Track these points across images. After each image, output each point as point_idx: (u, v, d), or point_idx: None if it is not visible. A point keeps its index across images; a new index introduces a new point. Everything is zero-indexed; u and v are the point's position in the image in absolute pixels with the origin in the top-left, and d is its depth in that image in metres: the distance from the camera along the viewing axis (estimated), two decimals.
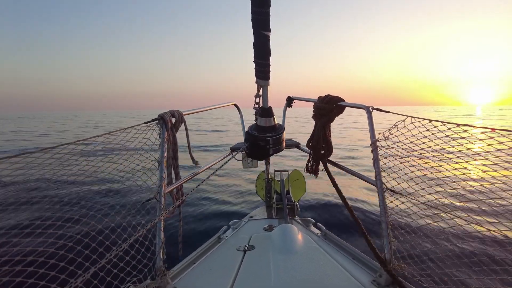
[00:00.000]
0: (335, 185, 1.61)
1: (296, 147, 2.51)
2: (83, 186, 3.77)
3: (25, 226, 0.97)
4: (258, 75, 1.79)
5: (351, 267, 1.39)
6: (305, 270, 1.31)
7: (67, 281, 0.90)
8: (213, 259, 1.52)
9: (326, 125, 1.73)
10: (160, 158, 1.38)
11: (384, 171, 1.36)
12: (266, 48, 1.70)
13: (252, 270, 1.34)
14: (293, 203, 2.59)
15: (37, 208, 0.93)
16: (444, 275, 1.17)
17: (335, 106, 1.67)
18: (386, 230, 1.26)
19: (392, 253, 1.23)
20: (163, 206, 1.30)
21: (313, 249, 1.53)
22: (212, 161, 1.95)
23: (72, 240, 1.04)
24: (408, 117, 1.31)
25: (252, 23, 1.63)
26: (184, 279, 1.31)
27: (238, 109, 2.62)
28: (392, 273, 1.18)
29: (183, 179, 1.57)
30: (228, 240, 1.80)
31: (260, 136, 1.80)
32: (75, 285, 0.88)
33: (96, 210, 1.19)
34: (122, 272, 1.11)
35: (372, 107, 1.49)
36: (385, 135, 1.38)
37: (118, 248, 1.05)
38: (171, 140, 1.49)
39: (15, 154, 0.93)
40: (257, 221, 2.19)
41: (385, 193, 1.32)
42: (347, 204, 1.51)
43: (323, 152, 1.79)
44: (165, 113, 1.50)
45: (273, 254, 1.48)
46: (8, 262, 0.86)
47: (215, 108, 2.12)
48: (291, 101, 2.52)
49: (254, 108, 1.93)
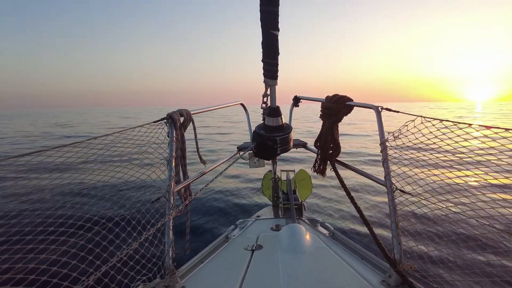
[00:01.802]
0: (343, 185, 1.60)
1: (303, 146, 2.50)
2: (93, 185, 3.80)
3: (38, 224, 0.98)
4: (266, 74, 1.78)
5: (360, 267, 1.38)
6: (314, 270, 1.30)
7: (78, 279, 0.90)
8: (221, 259, 1.52)
9: (334, 124, 1.73)
10: (169, 157, 1.38)
11: (393, 171, 1.35)
12: (274, 47, 1.70)
13: (261, 270, 1.34)
14: (300, 203, 2.58)
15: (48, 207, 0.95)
16: (455, 277, 1.16)
17: (343, 106, 1.66)
18: (396, 230, 1.25)
19: (401, 253, 1.22)
20: (172, 205, 1.30)
21: (321, 249, 1.53)
22: (219, 161, 1.95)
23: (84, 238, 1.05)
24: (418, 117, 1.30)
25: (260, 22, 1.63)
26: (193, 278, 1.32)
27: (245, 108, 2.62)
28: (402, 273, 1.17)
29: (191, 179, 1.58)
30: (235, 240, 1.81)
31: (267, 136, 1.80)
32: (87, 283, 0.89)
33: (107, 208, 1.20)
34: (132, 270, 1.12)
35: (381, 107, 1.48)
36: (395, 135, 1.37)
37: (128, 246, 1.05)
38: (179, 139, 1.49)
39: (27, 152, 0.94)
40: (264, 221, 2.19)
41: (394, 193, 1.31)
42: (356, 204, 1.50)
43: (331, 152, 1.78)
44: (174, 112, 1.50)
45: (281, 254, 1.47)
46: (22, 259, 0.86)
47: (222, 107, 2.12)
48: (298, 101, 2.52)
49: (261, 108, 1.93)
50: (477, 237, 1.05)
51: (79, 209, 1.16)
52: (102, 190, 3.47)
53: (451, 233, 1.25)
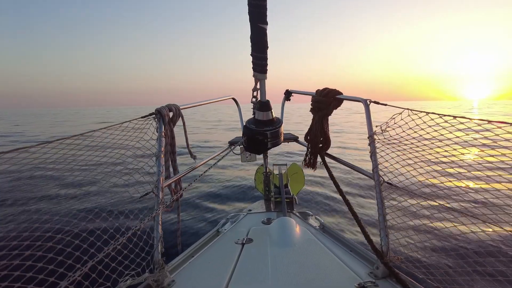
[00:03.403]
0: (333, 178, 1.62)
1: (295, 140, 2.51)
2: (80, 180, 3.78)
3: (23, 221, 0.98)
4: (255, 68, 1.78)
5: (348, 259, 1.40)
6: (303, 263, 1.32)
7: (65, 274, 0.90)
8: (212, 252, 1.53)
9: (324, 118, 1.73)
10: (157, 153, 1.38)
11: (381, 163, 1.36)
12: (263, 41, 1.69)
13: (250, 263, 1.35)
14: (291, 197, 2.60)
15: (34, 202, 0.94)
16: (440, 267, 1.18)
17: (333, 99, 1.67)
18: (383, 223, 1.27)
19: (389, 245, 1.24)
20: (161, 200, 1.30)
21: (311, 242, 1.54)
22: (210, 155, 1.95)
23: (70, 234, 1.05)
24: (405, 109, 1.31)
25: (249, 16, 1.62)
26: (182, 272, 1.32)
27: (236, 103, 2.61)
28: (388, 265, 1.19)
29: (181, 173, 1.58)
30: (226, 234, 1.82)
31: (257, 130, 1.80)
32: (73, 278, 0.89)
33: (94, 204, 1.20)
34: (120, 265, 1.12)
35: (369, 100, 1.49)
36: (382, 128, 1.38)
37: (116, 242, 1.05)
38: (168, 134, 1.49)
39: (9, 150, 0.93)
40: (256, 215, 2.20)
41: (382, 186, 1.32)
42: (344, 196, 1.51)
43: (320, 146, 1.79)
44: (163, 107, 1.49)
45: (271, 247, 1.49)
46: (6, 256, 0.86)
47: (213, 102, 2.12)
48: (290, 95, 2.52)
49: (251, 102, 1.93)
50: (463, 229, 1.07)
51: (66, 205, 1.15)
52: (89, 186, 3.44)
53: (437, 225, 1.27)
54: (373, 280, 1.18)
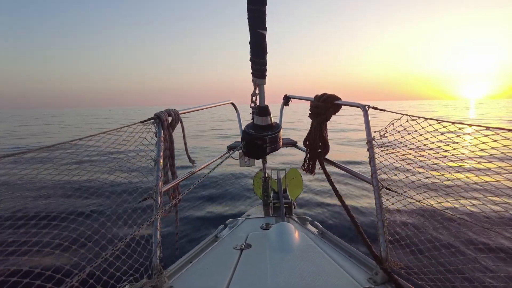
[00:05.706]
0: (331, 183, 1.61)
1: (293, 145, 2.51)
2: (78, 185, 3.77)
3: (20, 226, 0.97)
4: (254, 74, 1.79)
5: (348, 265, 1.39)
6: (302, 269, 1.31)
7: (63, 280, 0.89)
8: (210, 258, 1.52)
9: (323, 123, 1.74)
10: (156, 157, 1.37)
11: (380, 169, 1.36)
12: (262, 46, 1.70)
13: (249, 269, 1.35)
14: (290, 202, 2.59)
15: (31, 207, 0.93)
16: (439, 273, 1.18)
17: (332, 105, 1.67)
18: (382, 228, 1.27)
19: (388, 251, 1.24)
20: (160, 205, 1.30)
21: (310, 247, 1.53)
22: (209, 160, 1.95)
23: (68, 239, 1.04)
24: (404, 115, 1.32)
25: (248, 21, 1.63)
26: (180, 278, 1.31)
27: (235, 107, 2.62)
28: (388, 271, 1.18)
29: (179, 178, 1.57)
30: (224, 239, 1.80)
31: (256, 135, 1.81)
32: (71, 284, 0.88)
33: (92, 209, 1.19)
34: (118, 271, 1.11)
35: (368, 105, 1.49)
36: (381, 133, 1.38)
37: (114, 247, 1.05)
38: (167, 139, 1.49)
39: (6, 154, 0.93)
40: (254, 220, 2.19)
41: (381, 191, 1.32)
42: (344, 202, 1.51)
43: (319, 151, 1.79)
44: (162, 112, 1.49)
45: (270, 253, 1.48)
46: (3, 261, 0.85)
47: (212, 106, 2.12)
48: (288, 100, 2.53)
49: (250, 107, 1.93)
50: (463, 234, 1.07)
51: (63, 210, 1.15)
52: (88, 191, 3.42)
53: (437, 231, 1.27)
54: (372, 286, 1.18)
